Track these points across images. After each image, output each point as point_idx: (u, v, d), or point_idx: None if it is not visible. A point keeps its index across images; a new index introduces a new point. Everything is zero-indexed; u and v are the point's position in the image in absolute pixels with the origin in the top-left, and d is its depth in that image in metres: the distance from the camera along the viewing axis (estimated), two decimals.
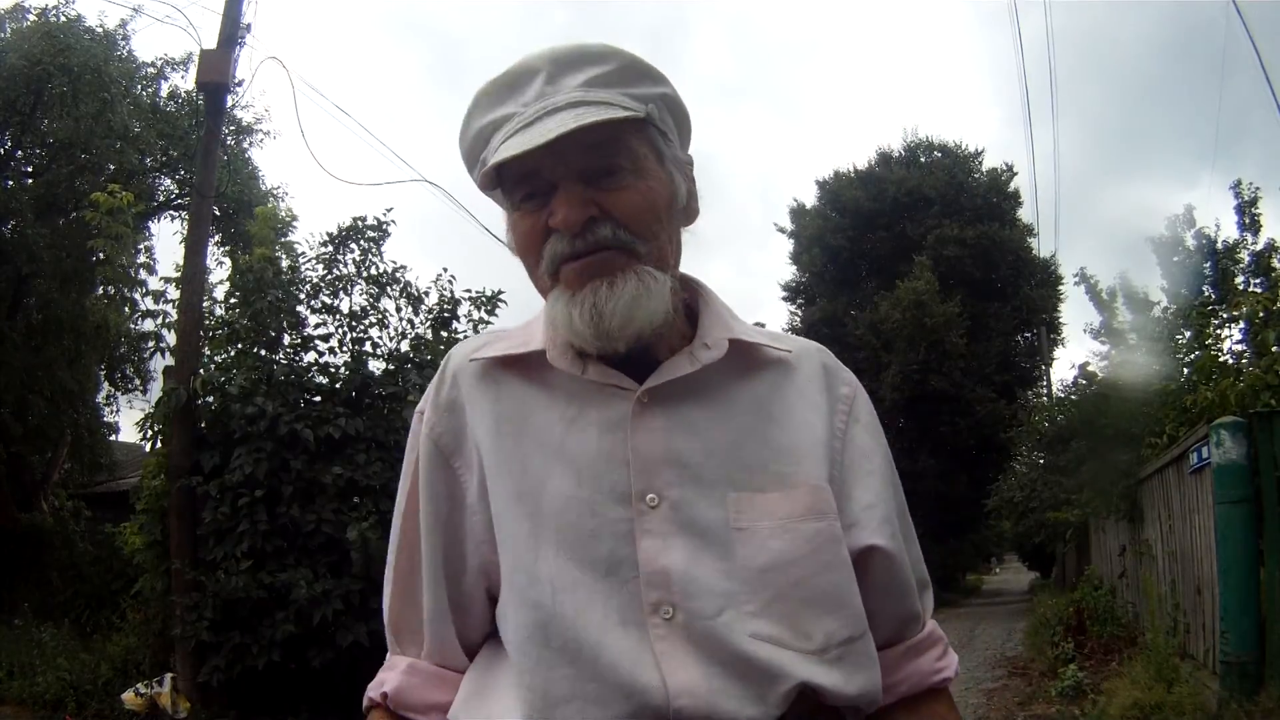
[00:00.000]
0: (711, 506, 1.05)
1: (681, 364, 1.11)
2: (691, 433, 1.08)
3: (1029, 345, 27.57)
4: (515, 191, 1.12)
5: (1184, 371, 9.32)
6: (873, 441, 1.20)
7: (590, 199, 1.06)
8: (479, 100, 1.13)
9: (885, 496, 1.17)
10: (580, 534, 1.04)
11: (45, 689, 7.88)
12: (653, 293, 1.07)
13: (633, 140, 1.09)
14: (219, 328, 8.24)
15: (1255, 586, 5.79)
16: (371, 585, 7.06)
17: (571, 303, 1.07)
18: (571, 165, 1.06)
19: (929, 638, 1.20)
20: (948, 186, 26.81)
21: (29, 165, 15.48)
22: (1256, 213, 11.47)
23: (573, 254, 1.07)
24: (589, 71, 1.09)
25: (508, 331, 1.22)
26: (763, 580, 1.03)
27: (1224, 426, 6.00)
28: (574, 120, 1.03)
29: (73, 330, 14.31)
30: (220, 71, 8.48)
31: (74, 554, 12.61)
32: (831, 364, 1.22)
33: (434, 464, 1.16)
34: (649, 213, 1.09)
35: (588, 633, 1.01)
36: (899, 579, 1.16)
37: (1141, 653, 7.82)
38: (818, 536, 1.06)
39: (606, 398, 1.10)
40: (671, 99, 1.15)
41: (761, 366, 1.16)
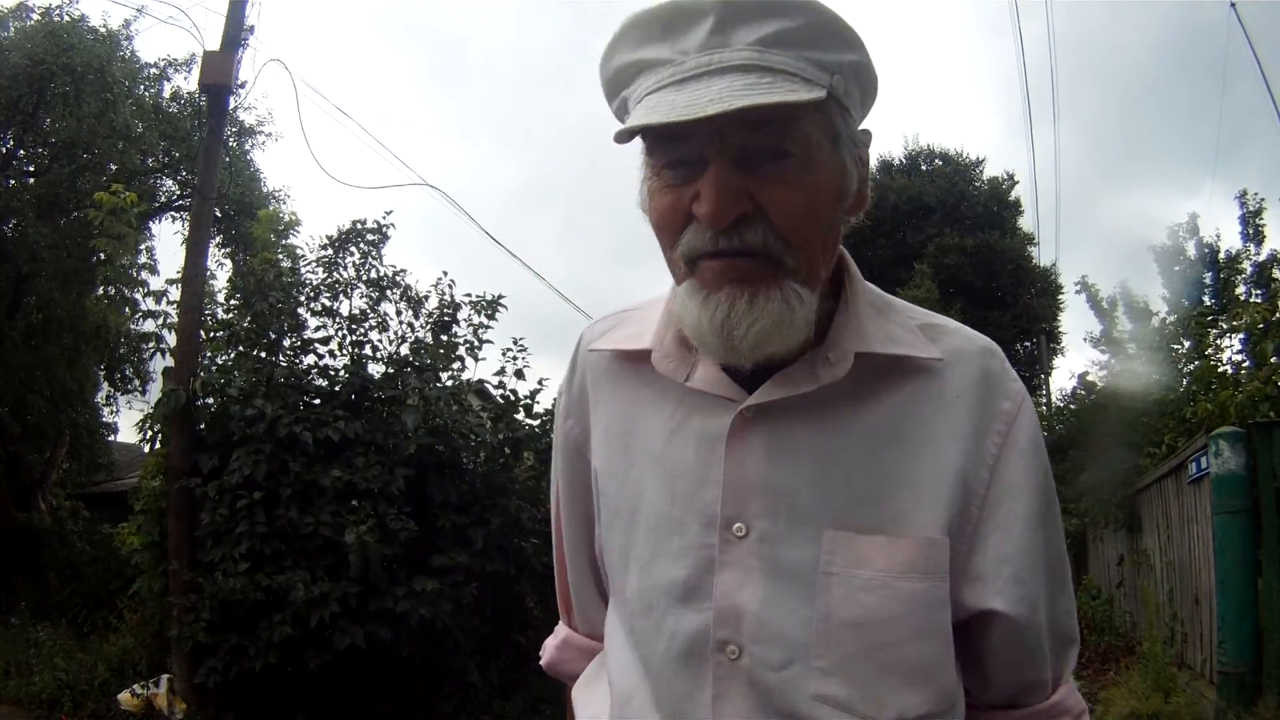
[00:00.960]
0: (803, 544, 0.95)
1: (798, 379, 0.97)
2: (794, 457, 0.96)
3: (1028, 354, 27.56)
4: (659, 154, 0.95)
5: (1183, 381, 9.33)
6: (1027, 474, 1.00)
7: (745, 190, 0.90)
8: (626, 31, 0.95)
9: (1026, 547, 0.99)
10: (665, 555, 1.00)
11: (41, 689, 7.86)
12: (795, 316, 0.92)
13: (808, 122, 0.92)
14: (219, 329, 8.24)
15: (1253, 597, 5.79)
16: (369, 588, 7.05)
17: (704, 305, 0.93)
18: (729, 143, 0.90)
19: (1055, 707, 1.04)
20: (948, 195, 26.84)
21: (31, 164, 15.47)
22: (1260, 223, 11.49)
23: (714, 252, 0.92)
24: (770, 25, 0.89)
25: (634, 313, 1.13)
26: (843, 636, 0.93)
27: (1223, 437, 6.00)
28: (743, 95, 0.85)
29: (72, 330, 14.31)
30: (223, 73, 8.48)
31: (71, 554, 12.57)
32: (995, 371, 1.02)
33: (568, 455, 1.16)
34: (810, 216, 0.93)
35: (652, 660, 0.99)
36: (1023, 646, 1.00)
37: (1139, 662, 7.81)
38: (916, 598, 0.93)
39: (710, 406, 1.00)
40: (862, 67, 0.96)
41: (900, 378, 0.99)
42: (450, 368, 8.44)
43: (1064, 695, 1.04)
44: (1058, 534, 1.03)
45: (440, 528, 7.50)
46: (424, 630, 7.03)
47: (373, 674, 7.14)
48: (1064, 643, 1.04)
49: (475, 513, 7.63)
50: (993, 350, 1.04)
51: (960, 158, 28.70)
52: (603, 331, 1.12)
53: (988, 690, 1.01)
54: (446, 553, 7.30)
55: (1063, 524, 1.05)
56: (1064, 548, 1.04)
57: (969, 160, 28.60)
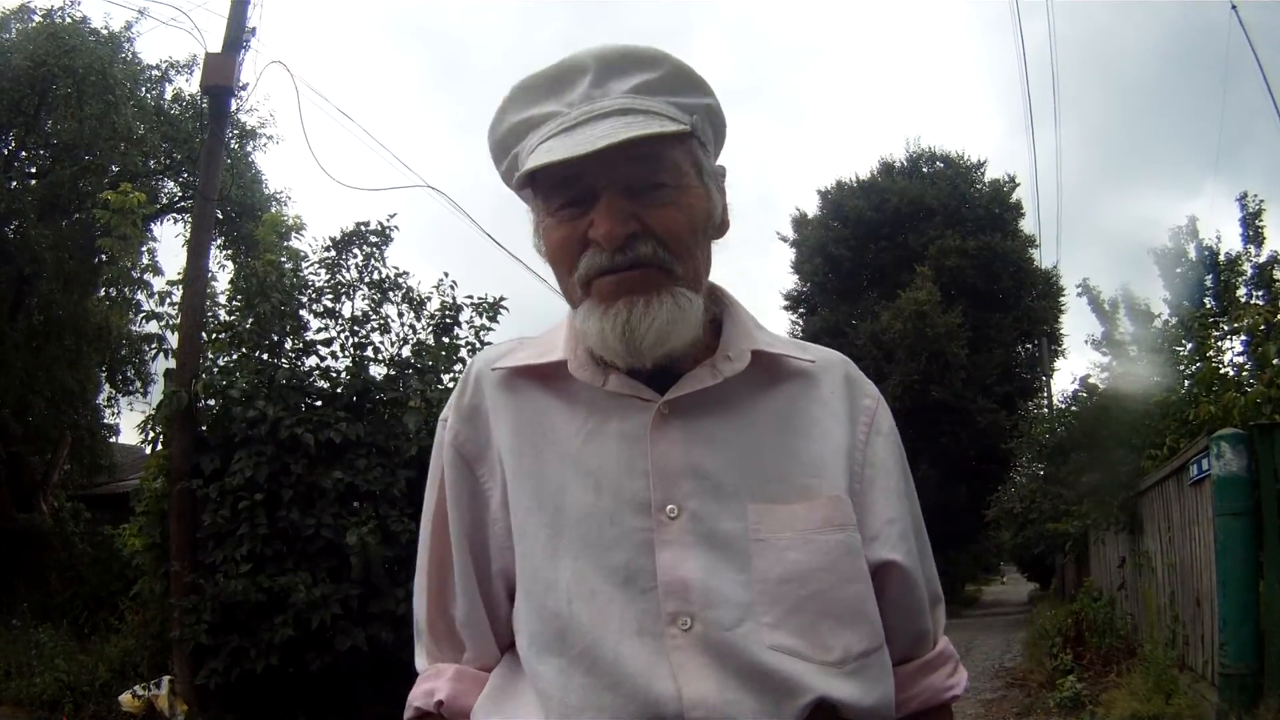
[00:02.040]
0: (731, 518, 1.04)
1: (703, 376, 1.09)
2: (711, 444, 1.07)
3: (1030, 356, 27.57)
4: (553, 197, 1.08)
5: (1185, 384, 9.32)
6: (893, 455, 1.19)
7: (633, 214, 1.04)
8: (517, 94, 1.10)
9: (904, 512, 1.16)
10: (599, 544, 1.04)
11: (43, 690, 7.87)
12: (686, 315, 1.06)
13: (677, 154, 1.07)
14: (221, 331, 8.25)
15: (1254, 599, 5.79)
16: (370, 590, 7.06)
17: (604, 317, 1.05)
18: (616, 176, 1.04)
19: (940, 655, 1.19)
20: (950, 197, 26.84)
21: (33, 166, 15.52)
22: (1261, 225, 11.48)
23: (611, 268, 1.05)
24: (637, 77, 1.06)
25: (531, 340, 1.21)
26: (781, 591, 1.02)
27: (1224, 439, 6.00)
28: (625, 130, 1.00)
29: (74, 331, 14.34)
30: (225, 75, 8.50)
31: (73, 555, 12.60)
32: (855, 375, 1.22)
33: (458, 471, 1.16)
34: (688, 231, 1.08)
35: (604, 642, 1.00)
36: (914, 596, 1.15)
37: (1140, 664, 7.80)
38: (837, 548, 1.05)
39: (626, 409, 1.09)
40: (714, 110, 1.13)
41: (784, 377, 1.15)
42: (452, 369, 8.44)
43: (944, 645, 1.21)
44: (917, 505, 1.22)
45: None
46: None
47: (374, 675, 7.14)
48: (935, 600, 1.20)
49: None
50: (849, 361, 1.24)
51: (961, 160, 28.70)
52: (501, 354, 1.19)
53: (889, 645, 1.10)
54: None
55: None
56: (921, 518, 1.22)
57: (970, 162, 28.60)
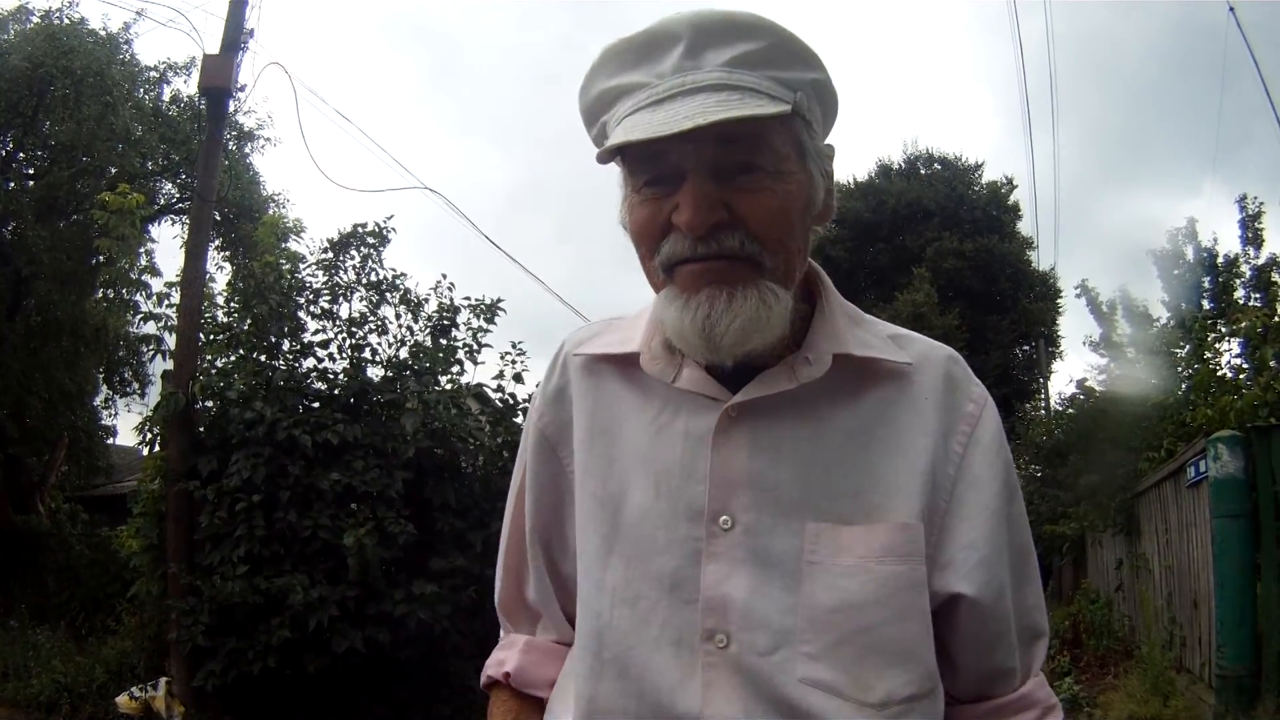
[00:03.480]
0: (786, 535, 0.99)
1: (779, 379, 1.02)
2: (777, 453, 1.01)
3: (1027, 358, 27.58)
4: (639, 172, 1.02)
5: (1182, 385, 9.33)
6: (991, 469, 1.06)
7: (721, 199, 0.97)
8: (606, 59, 1.03)
9: (991, 535, 1.04)
10: (650, 547, 1.02)
11: (39, 691, 7.85)
12: (773, 313, 0.98)
13: (775, 136, 0.99)
14: (219, 332, 8.24)
15: (1251, 600, 5.80)
16: (368, 592, 7.05)
17: (685, 308, 0.98)
18: (704, 157, 0.96)
19: (1023, 700, 1.06)
20: (947, 199, 26.88)
21: (30, 167, 15.48)
22: (1260, 227, 11.49)
23: (693, 258, 0.98)
24: (736, 48, 0.97)
25: (620, 321, 1.17)
26: (828, 621, 0.96)
27: (1222, 441, 6.01)
28: (715, 110, 0.92)
29: (72, 333, 14.30)
30: (223, 76, 8.48)
31: (70, 556, 12.57)
32: (959, 375, 1.10)
33: (541, 453, 1.17)
34: (782, 221, 0.99)
35: (638, 649, 0.99)
36: (989, 631, 1.04)
37: (1137, 666, 7.81)
38: (896, 580, 0.98)
39: (696, 407, 1.04)
40: (823, 85, 1.04)
41: (873, 382, 1.06)
42: (449, 371, 8.44)
43: (1032, 688, 1.07)
44: (1023, 527, 1.08)
45: (439, 531, 7.50)
46: (423, 634, 7.03)
47: (371, 677, 7.13)
48: (1031, 635, 1.08)
49: (474, 516, 7.63)
50: (955, 357, 1.12)
51: (959, 162, 28.75)
52: (588, 337, 1.16)
53: (956, 681, 1.04)
54: (445, 556, 7.30)
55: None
56: (1030, 543, 1.09)
57: (968, 164, 28.65)
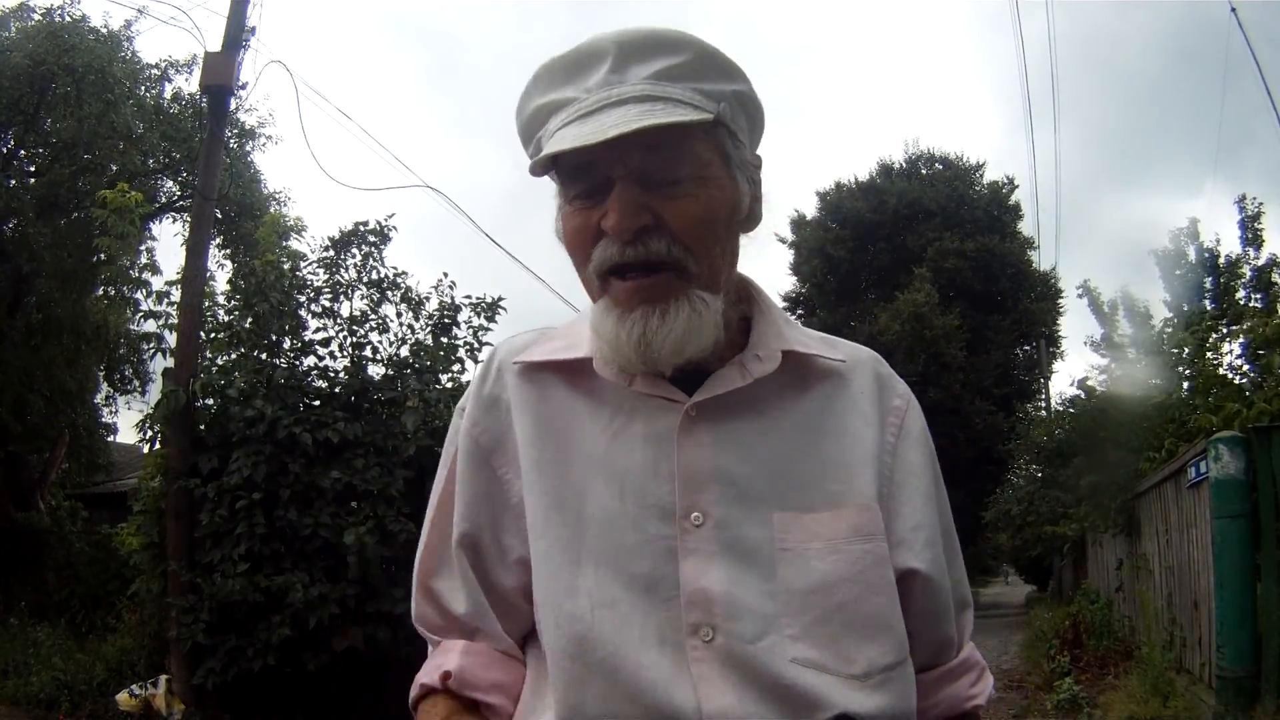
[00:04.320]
0: (757, 526, 1.02)
1: (732, 376, 1.06)
2: (739, 449, 1.04)
3: (1028, 358, 27.59)
4: (570, 184, 1.05)
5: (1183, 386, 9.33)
6: (923, 457, 1.15)
7: (646, 205, 1.00)
8: (538, 78, 1.07)
9: (931, 517, 1.12)
10: (621, 549, 1.01)
11: (40, 689, 7.86)
12: (704, 321, 1.02)
13: (699, 144, 1.02)
14: (219, 330, 8.24)
15: (1251, 601, 5.80)
16: (368, 590, 7.06)
17: (620, 323, 1.02)
18: (631, 165, 1.00)
19: (965, 663, 1.16)
20: (948, 199, 26.88)
21: (32, 164, 15.50)
22: (1260, 228, 11.50)
23: (622, 263, 1.01)
24: (660, 62, 1.01)
25: (555, 331, 1.18)
26: (806, 602, 1.00)
27: (1222, 441, 6.01)
28: (638, 119, 0.95)
29: (72, 330, 14.32)
30: (224, 74, 8.49)
31: (70, 554, 12.58)
32: (885, 374, 1.18)
33: (474, 462, 1.13)
34: (707, 226, 1.03)
35: (625, 651, 0.98)
36: (938, 603, 1.12)
37: (1137, 666, 7.81)
38: (865, 558, 1.03)
39: (653, 409, 1.06)
40: (746, 96, 1.07)
41: (814, 378, 1.12)
42: (450, 369, 8.44)
43: (969, 653, 1.17)
44: (947, 509, 1.18)
45: None
46: None
47: (371, 675, 7.13)
48: (962, 605, 1.17)
49: None
50: (879, 358, 1.19)
51: (960, 162, 28.75)
52: (524, 345, 1.16)
53: (912, 652, 1.07)
54: None
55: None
56: (951, 522, 1.18)
57: (969, 164, 28.65)
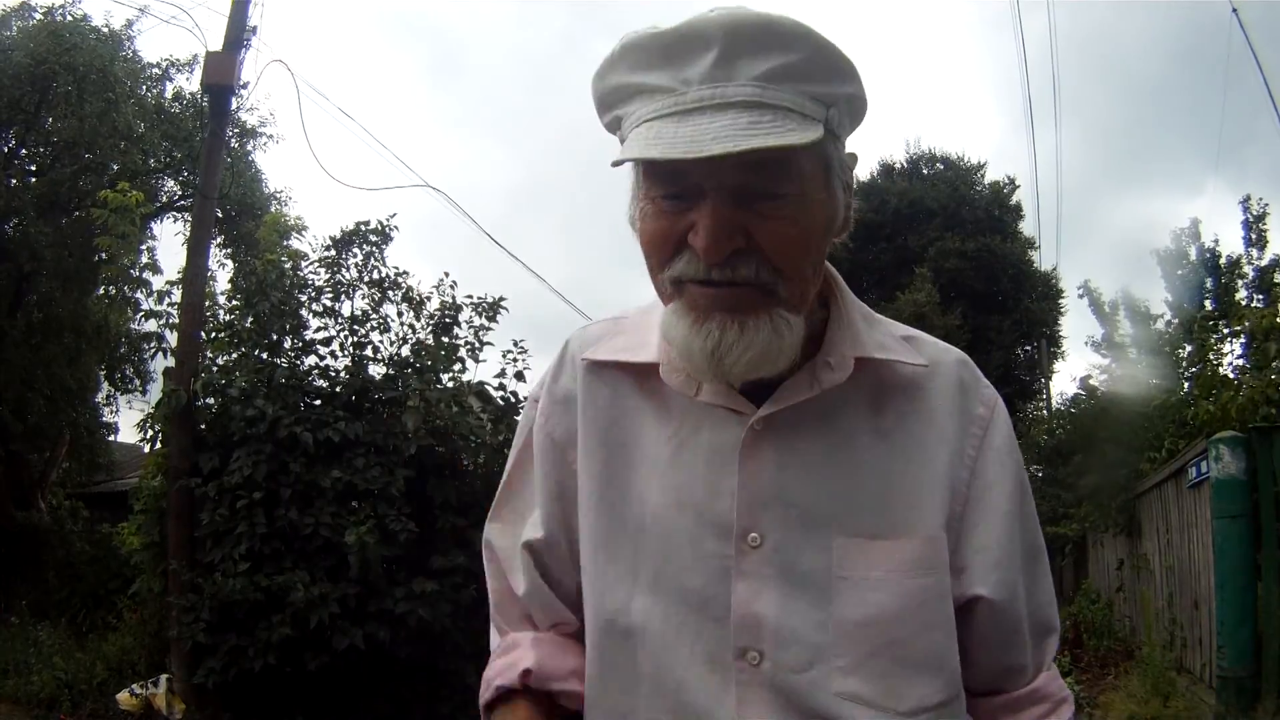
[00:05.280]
0: (815, 552, 0.98)
1: (801, 387, 1.00)
2: (805, 468, 0.99)
3: (1029, 358, 27.58)
4: (656, 182, 0.96)
5: (1184, 385, 9.33)
6: (1003, 471, 1.07)
7: (740, 225, 0.91)
8: (629, 50, 0.95)
9: (1003, 538, 1.05)
10: (677, 565, 1.00)
11: (40, 688, 7.86)
12: (784, 342, 0.95)
13: (804, 159, 0.93)
14: (220, 330, 8.24)
15: (1252, 601, 5.79)
16: (369, 589, 7.05)
17: (694, 331, 0.95)
18: (727, 180, 0.91)
19: (1035, 693, 1.07)
20: (949, 199, 26.88)
21: (33, 164, 15.48)
22: (1263, 228, 11.50)
23: (707, 281, 0.94)
24: (772, 59, 0.90)
25: (627, 323, 1.13)
26: (859, 635, 0.96)
27: (1223, 441, 6.01)
28: (744, 136, 0.86)
29: (73, 329, 14.32)
30: (225, 74, 8.48)
31: (71, 553, 12.58)
32: (969, 379, 1.09)
33: (549, 457, 1.11)
34: (801, 249, 0.95)
35: (673, 666, 0.98)
36: (1004, 630, 1.05)
37: (1138, 667, 7.81)
38: (924, 593, 0.98)
39: (718, 421, 1.01)
40: (856, 99, 0.98)
41: (891, 387, 1.05)
42: (451, 369, 8.43)
43: (1044, 682, 1.08)
44: (1034, 527, 1.10)
45: (440, 529, 7.50)
46: (423, 632, 7.03)
47: (372, 675, 7.13)
48: (1043, 631, 1.09)
49: (475, 514, 7.61)
50: (966, 360, 1.11)
51: (961, 162, 28.76)
52: (596, 338, 1.12)
53: (971, 676, 1.04)
54: (446, 554, 7.29)
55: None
56: (1041, 541, 1.11)
57: (970, 164, 28.66)
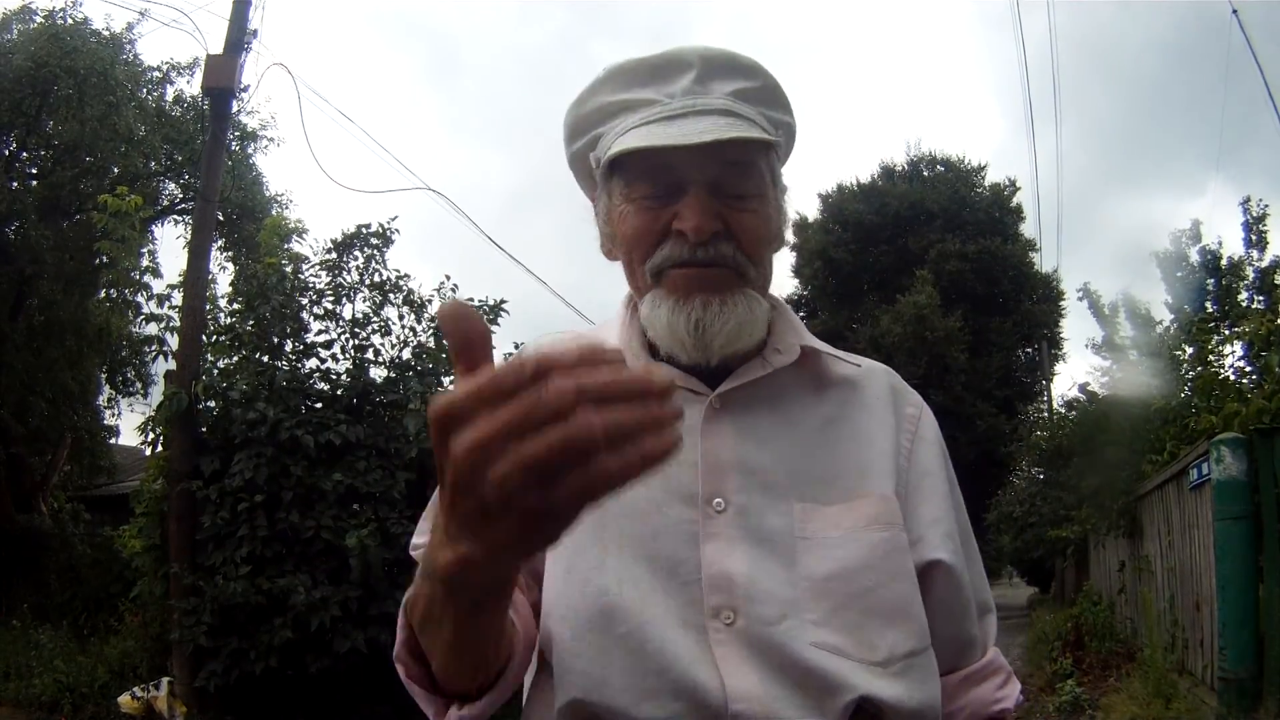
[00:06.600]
0: (777, 515, 1.05)
1: (753, 368, 1.11)
2: (761, 441, 1.08)
3: (1030, 360, 27.60)
4: (637, 183, 1.09)
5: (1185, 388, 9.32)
6: (938, 461, 1.19)
7: (718, 213, 1.06)
8: (614, 75, 1.12)
9: (949, 515, 1.15)
10: (643, 532, 1.04)
11: (41, 691, 7.87)
12: (756, 317, 1.08)
13: (762, 165, 1.10)
14: (221, 333, 8.25)
15: (1254, 603, 5.79)
16: (370, 592, 7.06)
17: (676, 309, 1.07)
18: (707, 173, 1.06)
19: (989, 665, 1.17)
20: (950, 201, 26.92)
21: (34, 167, 15.52)
22: (1264, 229, 11.48)
23: (690, 261, 1.06)
24: (738, 83, 1.09)
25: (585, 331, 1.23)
26: (826, 589, 1.02)
27: (1224, 443, 6.00)
28: (730, 129, 1.03)
29: (75, 332, 14.35)
30: (226, 77, 8.50)
31: (72, 556, 12.59)
32: (899, 385, 1.22)
33: None
34: (764, 240, 1.11)
35: (651, 627, 1.00)
36: (960, 599, 1.13)
37: (1140, 669, 7.80)
38: (883, 545, 1.05)
39: None
40: (792, 130, 1.18)
41: (831, 382, 1.16)
42: (452, 372, 8.43)
43: (994, 655, 1.18)
44: (964, 513, 1.20)
45: None
46: None
47: (373, 678, 7.14)
48: (983, 609, 1.18)
49: None
50: (892, 371, 1.24)
51: (962, 164, 28.79)
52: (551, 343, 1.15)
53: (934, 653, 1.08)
54: None
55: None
56: (969, 525, 1.20)
57: (971, 166, 28.70)
